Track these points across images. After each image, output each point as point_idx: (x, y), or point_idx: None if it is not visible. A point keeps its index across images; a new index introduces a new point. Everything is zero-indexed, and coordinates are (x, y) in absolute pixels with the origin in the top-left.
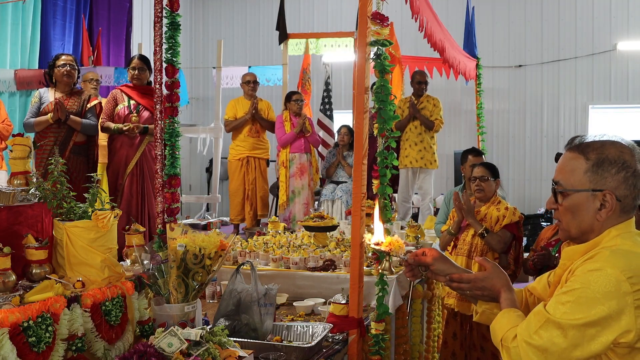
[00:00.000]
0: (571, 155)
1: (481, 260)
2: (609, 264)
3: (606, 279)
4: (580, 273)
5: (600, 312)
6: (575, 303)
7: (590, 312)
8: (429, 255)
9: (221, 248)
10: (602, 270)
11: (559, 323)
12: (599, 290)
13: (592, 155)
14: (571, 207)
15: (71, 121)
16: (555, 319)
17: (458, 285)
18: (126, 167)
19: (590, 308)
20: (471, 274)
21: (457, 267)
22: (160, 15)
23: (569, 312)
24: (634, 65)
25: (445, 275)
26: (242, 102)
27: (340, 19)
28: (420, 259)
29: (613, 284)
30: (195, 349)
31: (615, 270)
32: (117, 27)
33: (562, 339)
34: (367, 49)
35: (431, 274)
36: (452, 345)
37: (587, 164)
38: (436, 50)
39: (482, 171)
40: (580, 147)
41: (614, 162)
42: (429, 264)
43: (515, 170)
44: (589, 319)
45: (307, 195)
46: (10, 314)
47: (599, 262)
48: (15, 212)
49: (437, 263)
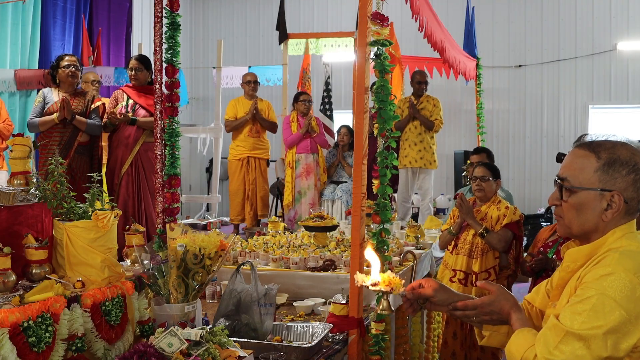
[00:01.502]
0: (581, 153)
1: (484, 285)
2: (620, 268)
3: (621, 283)
4: (592, 279)
5: (619, 316)
6: (593, 311)
7: (610, 318)
8: (428, 287)
9: (221, 248)
10: (615, 274)
11: (579, 335)
12: (616, 296)
13: (604, 154)
14: (576, 205)
15: (76, 121)
16: (574, 330)
17: (463, 313)
18: (122, 167)
19: (608, 314)
20: (476, 299)
21: (458, 295)
22: (160, 15)
23: (587, 321)
24: (634, 65)
25: (448, 305)
26: (243, 102)
27: (340, 19)
28: (419, 292)
29: (629, 288)
30: (195, 349)
31: (629, 274)
32: (117, 27)
33: (586, 350)
34: (367, 49)
35: (430, 306)
36: (452, 345)
37: (598, 163)
38: (436, 50)
39: (482, 171)
40: (591, 145)
41: (626, 164)
42: (429, 296)
43: (515, 170)
44: (609, 325)
45: (312, 196)
46: (10, 314)
47: (610, 266)
48: (15, 212)
49: (438, 294)
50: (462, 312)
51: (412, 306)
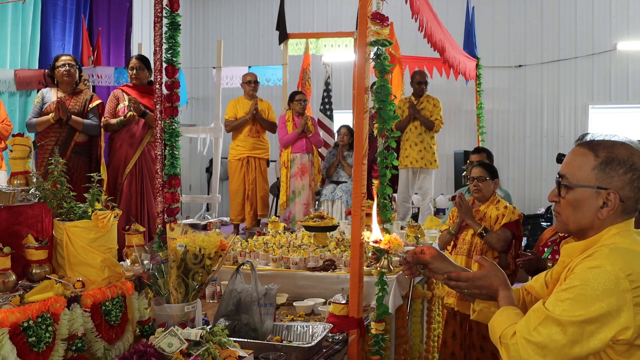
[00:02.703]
0: (580, 151)
1: (479, 259)
2: (608, 262)
3: (605, 276)
4: (580, 271)
5: (599, 309)
6: (575, 300)
7: (590, 309)
8: (428, 254)
9: (221, 248)
10: (601, 268)
11: (558, 320)
12: (598, 288)
13: (602, 153)
14: (573, 202)
15: (72, 121)
16: (554, 315)
17: (456, 283)
18: (125, 166)
19: (589, 305)
20: (469, 272)
21: (455, 266)
22: (160, 15)
23: (568, 309)
24: (634, 65)
25: (443, 273)
26: (243, 102)
27: (340, 19)
28: (418, 256)
29: (612, 282)
30: (195, 349)
31: (615, 268)
32: (117, 27)
33: (562, 335)
34: (367, 49)
35: (429, 272)
36: (451, 346)
37: (596, 161)
38: (436, 50)
39: (480, 171)
40: (590, 144)
41: (623, 163)
42: (427, 262)
43: (515, 170)
44: (588, 315)
45: (307, 196)
46: (10, 314)
47: (598, 260)
48: (15, 212)
49: (435, 261)
50: (455, 283)
51: (410, 269)
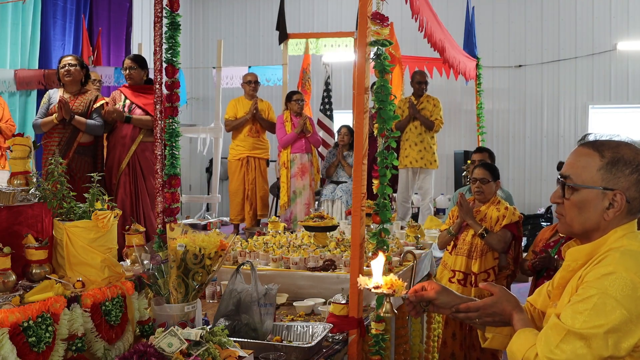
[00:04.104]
0: (585, 151)
1: (486, 286)
2: (621, 267)
3: (622, 282)
4: (593, 279)
5: (620, 316)
6: (594, 310)
7: (610, 317)
8: (431, 290)
9: (221, 248)
10: (616, 274)
11: (580, 333)
12: (617, 295)
13: (608, 153)
14: (578, 203)
15: (75, 121)
16: (575, 329)
17: (466, 315)
18: (119, 167)
19: (610, 313)
20: (478, 301)
21: (460, 297)
22: (160, 15)
23: (588, 320)
24: (634, 65)
25: (450, 307)
26: (243, 102)
27: (340, 19)
28: (421, 294)
29: (630, 287)
30: (195, 349)
31: (630, 273)
32: (117, 27)
33: (587, 349)
34: (367, 49)
35: (434, 308)
36: (451, 346)
37: (602, 162)
38: (436, 50)
39: (482, 173)
40: (595, 144)
41: (629, 163)
42: (432, 298)
43: (515, 170)
44: (610, 325)
45: (308, 196)
46: (10, 314)
47: (612, 266)
48: (15, 212)
49: (441, 296)
50: (465, 315)
51: (414, 309)
